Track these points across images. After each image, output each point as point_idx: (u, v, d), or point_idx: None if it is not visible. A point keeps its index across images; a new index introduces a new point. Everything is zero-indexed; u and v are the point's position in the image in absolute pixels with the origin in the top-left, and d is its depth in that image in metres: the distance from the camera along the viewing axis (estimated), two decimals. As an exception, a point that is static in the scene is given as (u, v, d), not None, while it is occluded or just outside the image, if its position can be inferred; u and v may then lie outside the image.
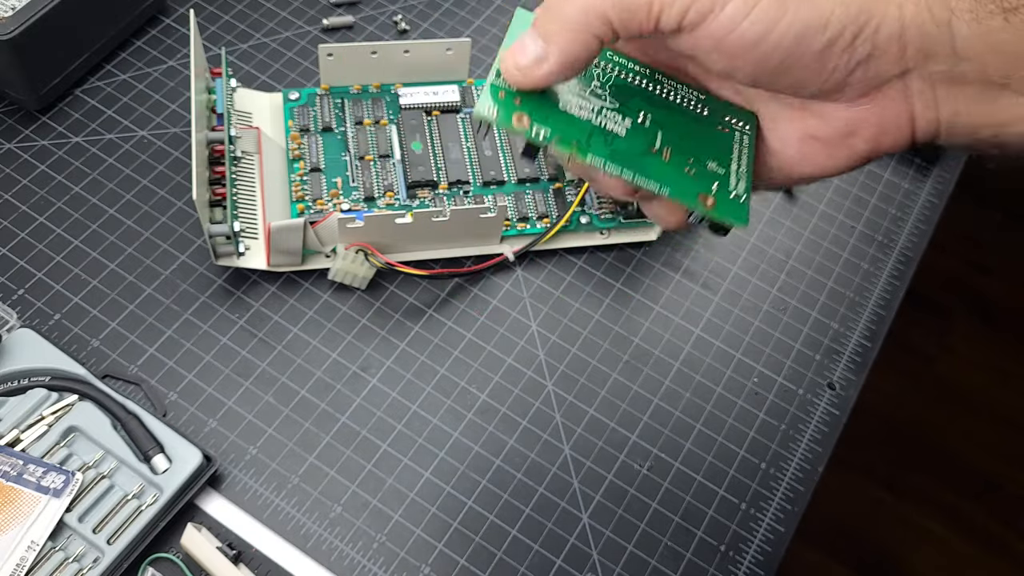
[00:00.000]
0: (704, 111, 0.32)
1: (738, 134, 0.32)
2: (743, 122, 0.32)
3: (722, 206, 0.31)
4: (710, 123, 0.32)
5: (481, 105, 0.30)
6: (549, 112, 0.30)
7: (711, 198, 0.31)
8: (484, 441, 0.47)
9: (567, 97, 0.31)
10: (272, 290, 0.50)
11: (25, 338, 0.45)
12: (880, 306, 0.54)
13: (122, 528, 0.41)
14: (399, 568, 0.43)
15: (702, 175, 0.32)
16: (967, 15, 0.25)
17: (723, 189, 0.32)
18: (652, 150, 0.31)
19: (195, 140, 0.45)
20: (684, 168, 0.31)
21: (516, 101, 0.30)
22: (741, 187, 0.32)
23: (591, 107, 0.31)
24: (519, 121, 0.30)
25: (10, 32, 0.48)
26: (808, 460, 0.48)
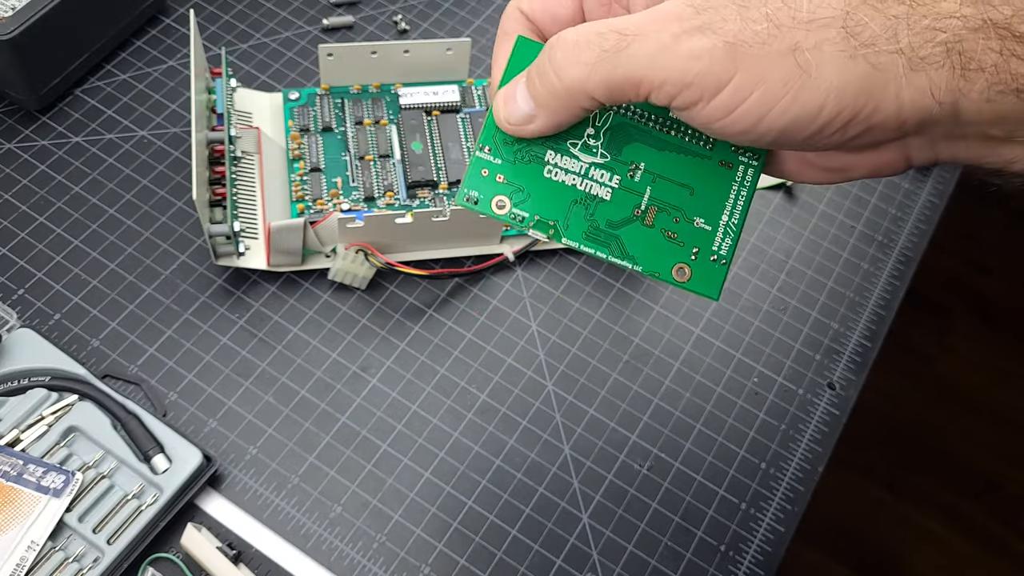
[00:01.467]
0: (709, 145, 0.31)
1: (743, 168, 0.31)
2: (752, 152, 0.31)
3: (698, 277, 0.31)
4: (713, 158, 0.31)
5: (463, 191, 0.30)
6: (531, 185, 0.30)
7: (688, 269, 0.31)
8: (484, 441, 0.47)
9: (555, 157, 0.31)
10: (272, 290, 0.50)
11: (25, 338, 0.45)
12: (880, 306, 0.54)
13: (122, 528, 0.41)
14: (399, 568, 0.43)
15: (685, 237, 0.31)
16: (977, 96, 0.24)
17: (704, 252, 0.31)
18: (636, 212, 0.31)
19: (195, 140, 0.45)
20: (666, 232, 0.31)
21: (499, 177, 0.30)
22: (725, 246, 0.31)
23: (578, 167, 0.31)
24: (499, 208, 0.30)
25: (10, 32, 0.48)
26: (808, 460, 0.48)
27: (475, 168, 0.30)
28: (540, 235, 0.31)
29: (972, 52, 0.23)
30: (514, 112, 0.29)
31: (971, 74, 0.23)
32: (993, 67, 0.23)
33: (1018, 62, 0.23)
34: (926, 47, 0.24)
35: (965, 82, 0.24)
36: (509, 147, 0.30)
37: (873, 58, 0.24)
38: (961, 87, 0.24)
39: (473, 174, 0.30)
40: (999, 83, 0.23)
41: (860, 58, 0.24)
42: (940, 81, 0.24)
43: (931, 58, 0.23)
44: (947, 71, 0.23)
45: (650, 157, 0.31)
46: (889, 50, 0.24)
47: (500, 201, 0.30)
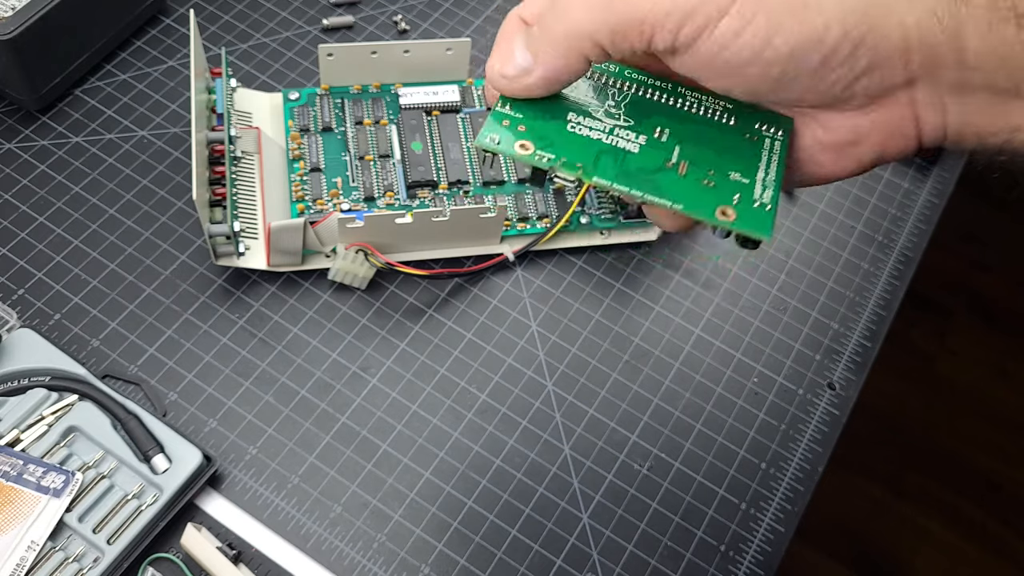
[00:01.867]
0: (731, 120, 0.31)
1: (768, 140, 0.30)
2: (775, 127, 0.31)
3: (744, 218, 0.29)
4: (737, 132, 0.30)
5: (484, 134, 0.29)
6: (555, 135, 0.29)
7: (731, 210, 0.29)
8: (484, 441, 0.47)
9: (577, 118, 0.30)
10: (272, 290, 0.50)
11: (25, 338, 0.45)
12: (880, 306, 0.54)
13: (122, 528, 0.41)
14: (399, 568, 0.43)
15: (723, 186, 0.29)
16: (978, 21, 0.24)
17: (746, 199, 0.29)
18: (668, 165, 0.29)
19: (195, 140, 0.45)
20: (702, 180, 0.29)
21: (520, 128, 0.29)
22: (767, 196, 0.29)
23: (603, 127, 0.30)
24: (522, 148, 0.29)
25: (10, 32, 0.48)
26: (808, 460, 0.48)
27: (495, 119, 0.29)
28: (568, 175, 0.29)
29: None
30: (510, 65, 0.29)
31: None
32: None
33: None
34: None
35: (966, 7, 0.24)
36: (528, 107, 0.29)
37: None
38: (962, 12, 0.24)
39: (493, 122, 0.29)
40: (999, 7, 0.24)
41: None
42: (941, 5, 0.24)
43: None
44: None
45: (673, 125, 0.30)
46: None
47: (523, 144, 0.29)
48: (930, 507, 1.19)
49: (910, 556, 1.16)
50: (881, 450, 1.22)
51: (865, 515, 1.18)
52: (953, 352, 1.32)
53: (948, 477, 1.21)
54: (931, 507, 1.19)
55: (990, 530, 1.18)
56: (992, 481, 1.22)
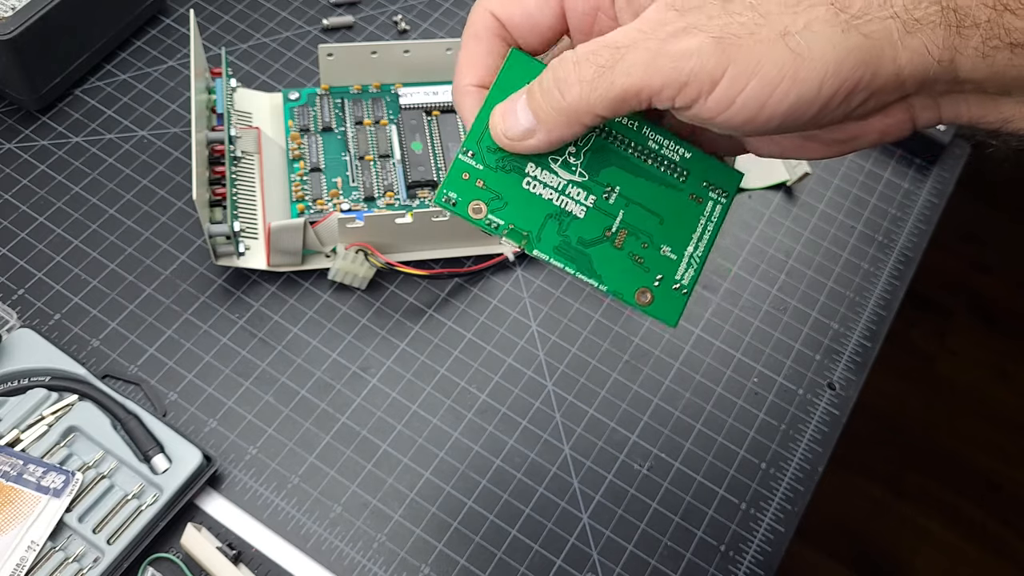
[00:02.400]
0: (683, 176, 0.32)
1: (711, 204, 0.32)
2: (722, 188, 0.33)
3: (659, 303, 0.32)
4: (685, 191, 0.32)
5: (442, 191, 0.31)
6: (509, 193, 0.31)
7: (650, 293, 0.32)
8: (484, 441, 0.47)
9: (535, 170, 0.31)
10: (272, 290, 0.50)
11: (25, 338, 0.45)
12: (880, 306, 0.54)
13: (122, 528, 0.41)
14: (399, 568, 0.43)
15: (651, 263, 0.32)
16: (972, 52, 0.24)
17: (667, 280, 0.32)
18: (607, 233, 0.32)
19: (195, 140, 0.45)
20: (634, 256, 0.32)
21: (479, 183, 0.31)
22: (688, 276, 0.32)
23: (557, 183, 0.31)
24: (475, 212, 0.31)
25: (10, 32, 0.48)
26: (808, 460, 0.48)
27: (456, 171, 0.31)
28: (512, 244, 0.31)
29: (966, 9, 0.24)
30: (513, 127, 0.30)
31: (966, 31, 0.24)
32: (987, 22, 0.24)
33: (1011, 16, 0.24)
34: (920, 8, 0.24)
35: (960, 39, 0.24)
36: (492, 154, 0.31)
37: (865, 28, 0.24)
38: (957, 44, 0.24)
39: (454, 176, 0.31)
40: (993, 38, 0.24)
41: (852, 30, 0.24)
42: (936, 39, 0.24)
43: (926, 18, 0.24)
44: (943, 29, 0.24)
45: (626, 182, 0.32)
46: (882, 16, 0.24)
47: (477, 206, 0.31)
48: (930, 507, 1.19)
49: (910, 556, 1.16)
50: (881, 450, 1.22)
51: (865, 515, 1.18)
52: (953, 352, 1.32)
53: (948, 477, 1.21)
54: (931, 507, 1.19)
55: (990, 530, 1.18)
56: (992, 481, 1.22)
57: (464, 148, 0.31)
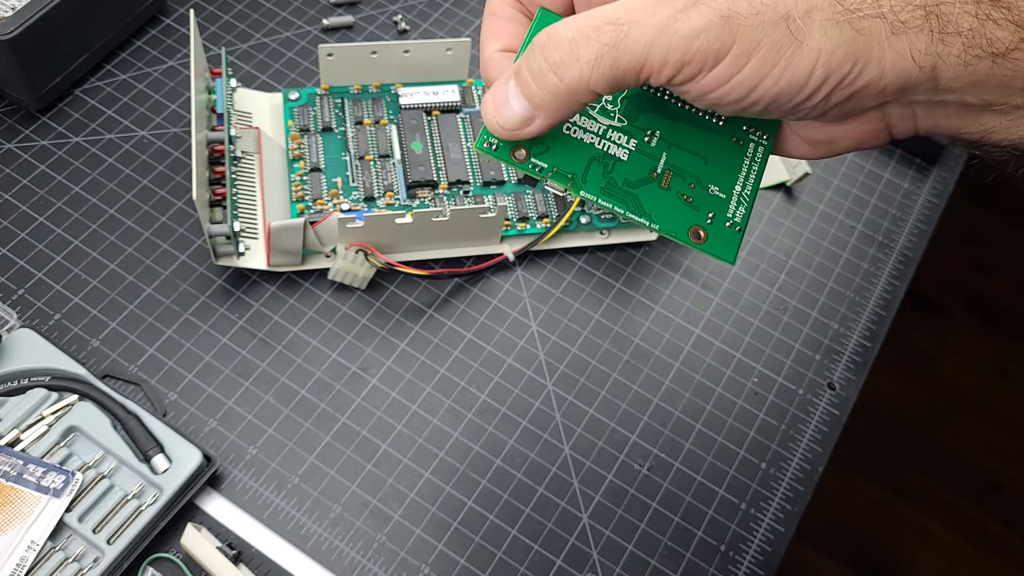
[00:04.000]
0: (721, 120, 0.32)
1: (752, 145, 0.32)
2: (761, 131, 0.32)
3: (714, 240, 0.31)
4: (726, 134, 0.32)
5: (483, 138, 0.30)
6: (551, 138, 0.30)
7: (704, 232, 0.31)
8: (484, 441, 0.47)
9: (577, 115, 0.31)
10: (272, 290, 0.50)
11: (25, 338, 0.45)
12: (880, 306, 0.54)
13: (122, 528, 0.41)
14: (399, 568, 0.43)
15: (700, 202, 0.31)
16: (954, 60, 0.24)
17: (719, 218, 0.31)
18: (652, 175, 0.31)
19: (195, 140, 0.45)
20: (682, 196, 0.31)
21: None
22: (740, 214, 0.31)
23: (597, 128, 0.31)
24: (517, 156, 0.30)
25: (10, 32, 0.48)
26: (808, 460, 0.48)
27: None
28: (558, 186, 0.30)
29: (949, 16, 0.24)
30: (509, 117, 0.29)
31: (948, 38, 0.24)
32: (969, 31, 0.24)
33: (993, 26, 0.24)
34: (906, 11, 0.24)
35: (943, 46, 0.24)
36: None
37: (857, 23, 0.25)
38: (939, 51, 0.24)
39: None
40: (975, 47, 0.24)
41: (845, 24, 0.25)
42: (920, 45, 0.24)
43: (911, 22, 0.24)
44: (926, 35, 0.24)
45: (665, 127, 0.31)
46: (872, 14, 0.25)
47: (519, 151, 0.30)
48: (930, 507, 1.19)
49: (910, 556, 1.16)
50: (881, 450, 1.22)
51: (865, 515, 1.18)
52: (953, 352, 1.32)
53: (948, 477, 1.21)
54: (931, 507, 1.19)
55: (990, 530, 1.18)
56: (992, 481, 1.22)
57: None
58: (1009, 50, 0.24)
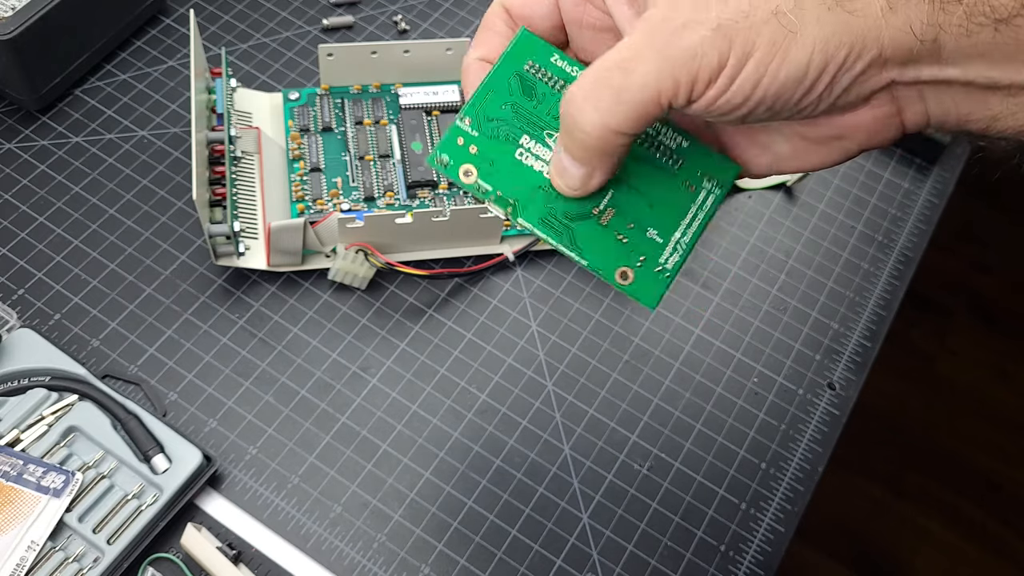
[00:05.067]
0: (678, 164, 0.32)
1: (704, 193, 0.32)
2: (716, 180, 0.32)
3: (639, 284, 0.32)
4: (678, 178, 0.32)
5: (436, 153, 0.31)
6: (501, 162, 0.31)
7: (631, 273, 0.32)
8: (484, 441, 0.47)
9: (530, 142, 0.31)
10: (272, 290, 0.50)
11: (25, 338, 0.45)
12: (880, 306, 0.54)
13: (122, 528, 0.41)
14: (399, 568, 0.43)
15: (635, 244, 0.32)
16: (956, 29, 0.24)
17: (650, 262, 0.32)
18: (594, 211, 0.31)
19: (195, 140, 0.45)
20: (618, 235, 0.32)
21: (472, 149, 0.31)
22: (672, 261, 0.32)
23: (549, 156, 0.31)
24: (465, 176, 0.31)
25: (10, 32, 0.48)
26: (808, 460, 0.48)
27: (452, 135, 0.31)
28: (498, 211, 0.31)
29: None
30: (571, 179, 0.30)
31: (949, 6, 0.24)
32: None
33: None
34: None
35: (944, 15, 0.24)
36: (489, 123, 0.31)
37: (849, 5, 0.25)
38: (940, 21, 0.24)
39: (449, 140, 0.31)
40: (977, 14, 0.24)
41: (837, 7, 0.25)
42: (920, 16, 0.24)
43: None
44: (926, 5, 0.24)
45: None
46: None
47: (467, 169, 0.31)
48: (930, 507, 1.19)
49: (910, 556, 1.16)
50: (881, 450, 1.22)
51: (865, 515, 1.18)
52: (953, 352, 1.32)
53: (948, 477, 1.21)
54: (931, 507, 1.19)
55: (990, 530, 1.18)
56: (992, 481, 1.22)
57: (462, 114, 0.31)
58: (1012, 16, 0.24)
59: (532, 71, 0.31)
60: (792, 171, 0.32)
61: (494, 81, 0.31)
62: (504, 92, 0.31)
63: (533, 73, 0.31)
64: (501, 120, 0.31)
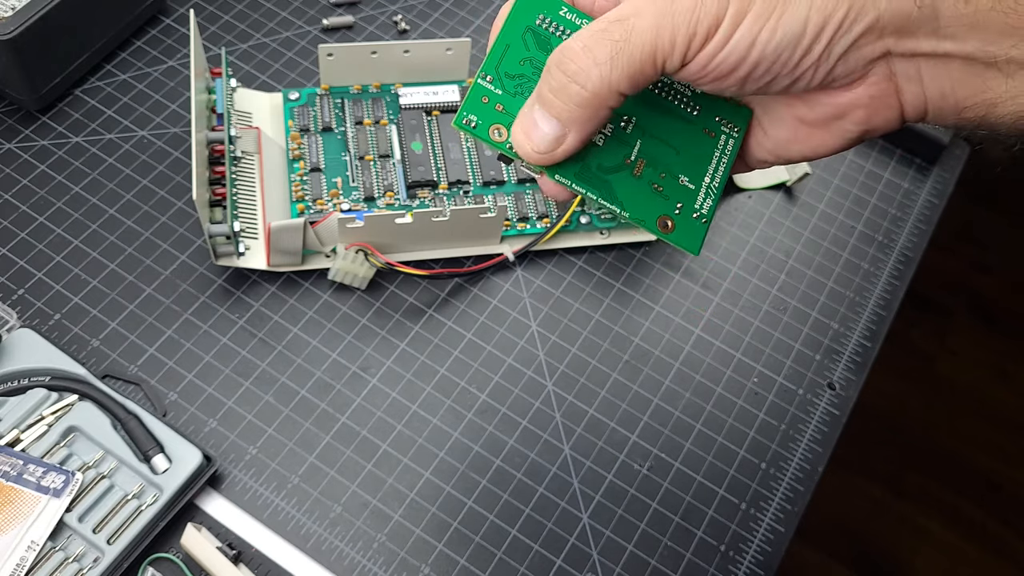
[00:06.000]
0: (695, 110, 0.33)
1: (724, 137, 0.33)
2: (733, 123, 0.33)
3: (681, 230, 0.32)
4: (698, 125, 0.32)
5: (462, 114, 0.30)
6: None
7: (671, 222, 0.32)
8: (484, 441, 0.47)
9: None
10: (272, 290, 0.50)
11: (25, 338, 0.45)
12: (880, 306, 0.54)
13: (122, 528, 0.41)
14: (399, 568, 0.43)
15: (670, 191, 0.32)
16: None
17: (687, 209, 0.32)
18: (627, 162, 0.32)
19: (195, 140, 0.45)
20: (653, 184, 0.32)
21: (498, 107, 0.30)
22: (707, 206, 0.32)
23: None
24: (497, 134, 0.30)
25: (10, 32, 0.48)
26: (808, 460, 0.48)
27: (476, 94, 0.31)
28: (532, 171, 0.31)
29: None
30: (540, 139, 0.29)
31: None
32: None
33: None
34: None
35: None
36: (511, 80, 0.31)
37: None
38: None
39: (473, 100, 0.31)
40: None
41: None
42: None
43: None
44: None
45: (642, 113, 0.32)
46: None
47: (498, 128, 0.31)
48: (930, 507, 1.19)
49: (910, 556, 1.16)
50: (881, 450, 1.22)
51: (865, 515, 1.18)
52: (953, 352, 1.32)
53: (948, 477, 1.21)
54: (931, 507, 1.19)
55: (990, 530, 1.18)
56: (992, 481, 1.22)
57: (483, 72, 0.31)
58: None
59: (544, 25, 0.31)
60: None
61: (508, 36, 0.31)
62: (520, 48, 0.31)
63: (545, 27, 0.31)
64: (522, 76, 0.31)
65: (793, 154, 0.32)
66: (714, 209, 0.32)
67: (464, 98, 0.31)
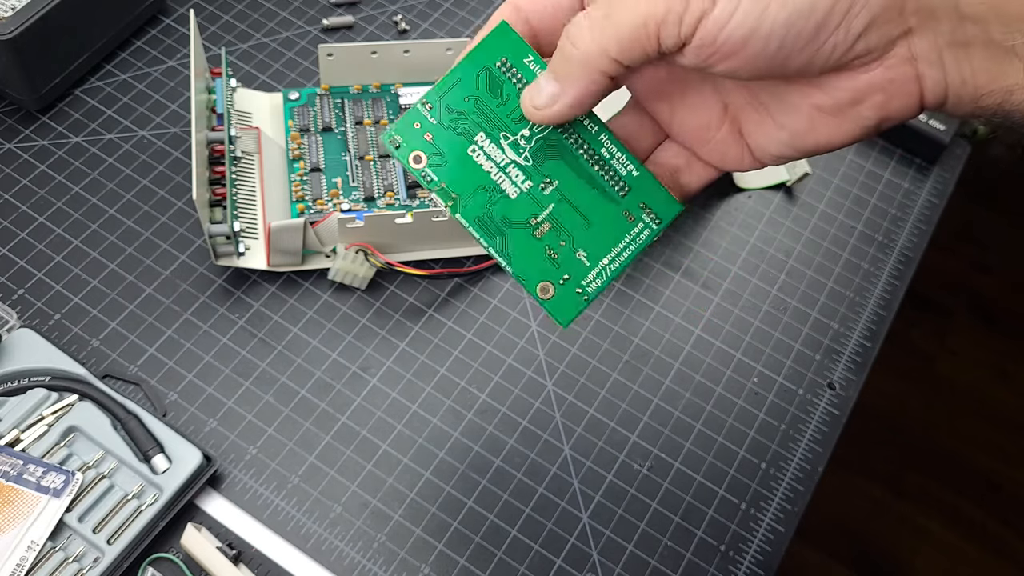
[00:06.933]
0: (624, 191, 0.32)
1: (641, 225, 0.32)
2: (656, 215, 0.32)
3: (558, 300, 0.32)
4: (621, 205, 0.32)
5: (390, 132, 0.31)
6: (452, 155, 0.31)
7: (553, 290, 0.32)
8: (484, 441, 0.47)
9: (484, 140, 0.31)
10: (272, 290, 0.50)
11: (25, 338, 0.45)
12: (880, 306, 0.54)
13: (122, 528, 0.41)
14: (399, 568, 0.43)
15: (563, 261, 0.32)
16: None
17: (572, 282, 0.32)
18: (531, 221, 0.32)
19: (195, 140, 0.45)
20: (548, 249, 0.32)
21: (427, 136, 0.31)
22: (594, 286, 0.32)
23: (500, 159, 0.31)
24: (415, 161, 0.31)
25: (10, 32, 0.48)
26: (808, 460, 0.48)
27: (409, 118, 0.31)
28: (440, 202, 0.32)
29: None
30: (538, 96, 0.30)
31: None
32: None
33: None
34: None
35: None
36: (449, 114, 0.31)
37: None
38: None
39: (406, 123, 0.31)
40: None
41: None
42: None
43: None
44: None
45: (566, 179, 0.32)
46: None
47: (418, 156, 0.31)
48: (930, 507, 1.19)
49: (910, 556, 1.16)
50: (881, 450, 1.22)
51: (865, 515, 1.18)
52: (953, 352, 1.32)
53: (948, 477, 1.21)
54: (931, 507, 1.19)
55: (990, 530, 1.18)
56: (992, 481, 1.22)
57: (424, 99, 0.31)
58: None
59: (502, 68, 0.31)
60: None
61: (463, 70, 0.31)
62: (470, 85, 0.31)
63: (503, 71, 0.31)
64: (461, 113, 0.31)
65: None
66: (601, 290, 0.32)
67: (399, 117, 0.31)
